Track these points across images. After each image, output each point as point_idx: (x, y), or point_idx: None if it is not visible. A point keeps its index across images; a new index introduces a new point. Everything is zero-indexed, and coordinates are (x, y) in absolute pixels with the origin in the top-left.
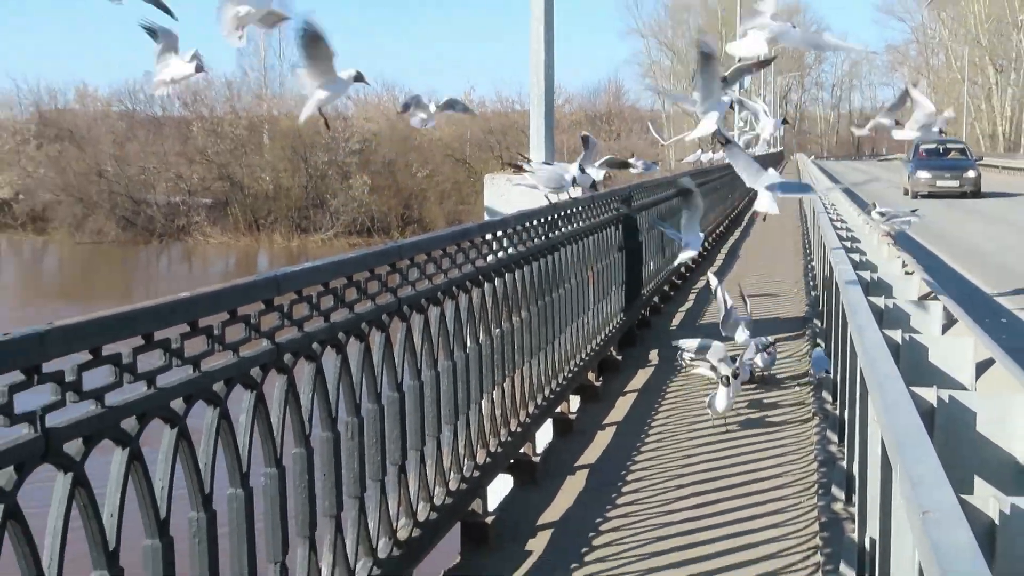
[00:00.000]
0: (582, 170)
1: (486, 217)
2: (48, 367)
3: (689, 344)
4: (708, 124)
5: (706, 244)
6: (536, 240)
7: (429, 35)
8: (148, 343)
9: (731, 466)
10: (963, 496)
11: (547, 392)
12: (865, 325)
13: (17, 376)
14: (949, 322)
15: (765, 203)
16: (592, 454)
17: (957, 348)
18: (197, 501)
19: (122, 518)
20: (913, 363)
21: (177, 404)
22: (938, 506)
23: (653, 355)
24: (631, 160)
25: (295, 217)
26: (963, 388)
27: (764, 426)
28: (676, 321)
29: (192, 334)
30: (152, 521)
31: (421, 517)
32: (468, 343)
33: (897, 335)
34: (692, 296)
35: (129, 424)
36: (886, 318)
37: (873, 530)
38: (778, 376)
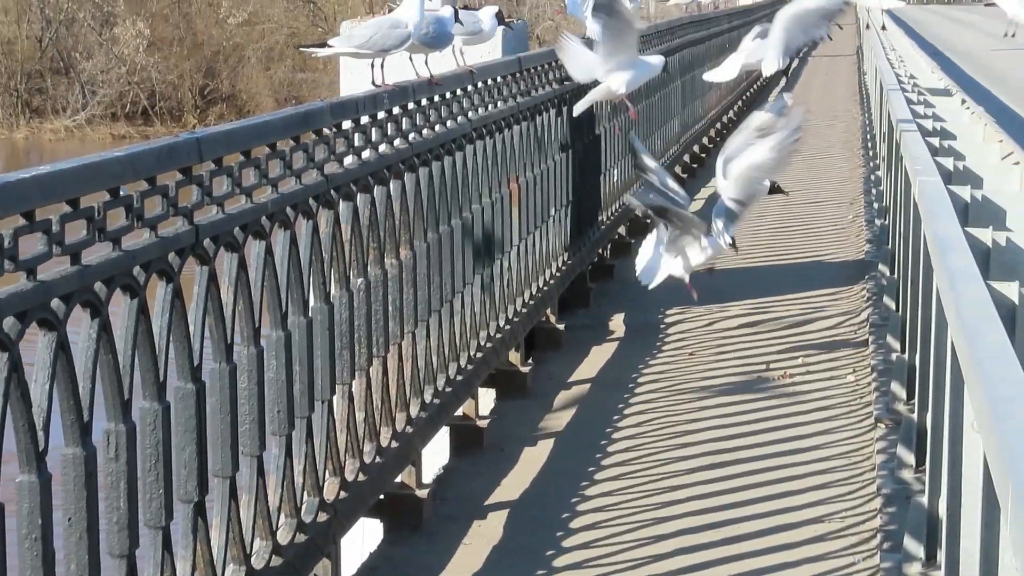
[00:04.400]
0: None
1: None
2: None
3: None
4: None
5: (705, 143)
6: (424, 131)
7: None
8: (31, 223)
9: (746, 519)
10: None
11: (440, 384)
12: (961, 272)
13: None
14: None
15: None
16: (515, 486)
17: None
18: (30, 462)
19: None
20: None
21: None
22: None
23: (616, 322)
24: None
25: (21, 91)
26: None
27: (799, 426)
28: None
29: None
30: None
31: None
32: (311, 302)
33: (1012, 289)
34: None
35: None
36: (995, 260)
37: None
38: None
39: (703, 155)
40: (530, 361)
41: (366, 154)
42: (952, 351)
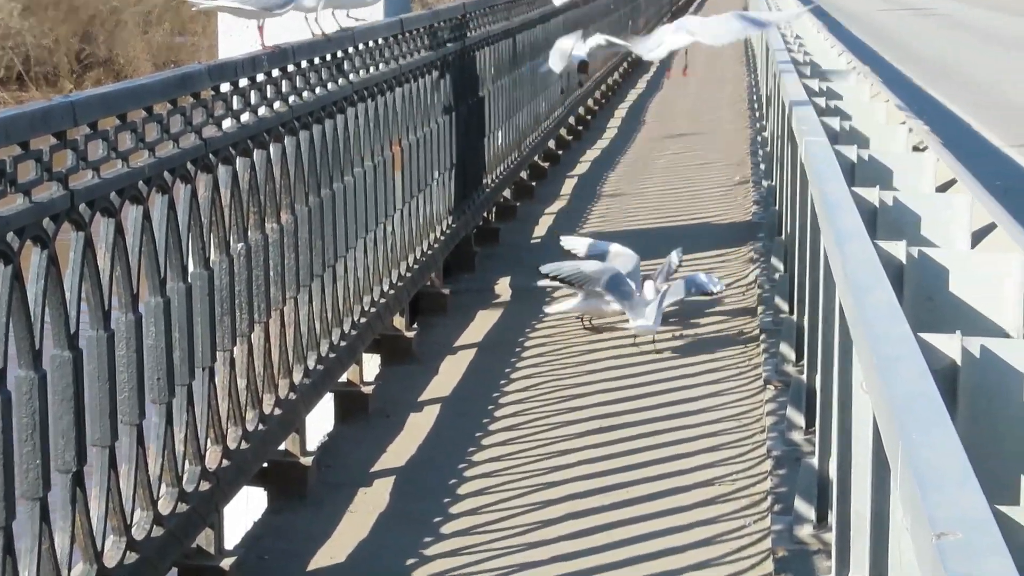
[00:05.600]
0: None
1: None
2: None
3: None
4: None
5: (590, 104)
6: (305, 94)
7: None
8: None
9: (636, 483)
10: None
11: (324, 350)
12: (848, 232)
13: None
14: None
15: None
16: (401, 452)
17: (989, 267)
18: None
19: None
20: (924, 289)
21: None
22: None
23: (502, 286)
24: None
25: None
26: (1005, 335)
27: (688, 389)
28: (540, 230)
29: None
30: None
31: None
32: (191, 267)
33: (899, 248)
34: (569, 185)
35: None
36: (882, 220)
37: None
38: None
39: (589, 117)
40: (415, 326)
41: (245, 117)
42: (840, 311)
